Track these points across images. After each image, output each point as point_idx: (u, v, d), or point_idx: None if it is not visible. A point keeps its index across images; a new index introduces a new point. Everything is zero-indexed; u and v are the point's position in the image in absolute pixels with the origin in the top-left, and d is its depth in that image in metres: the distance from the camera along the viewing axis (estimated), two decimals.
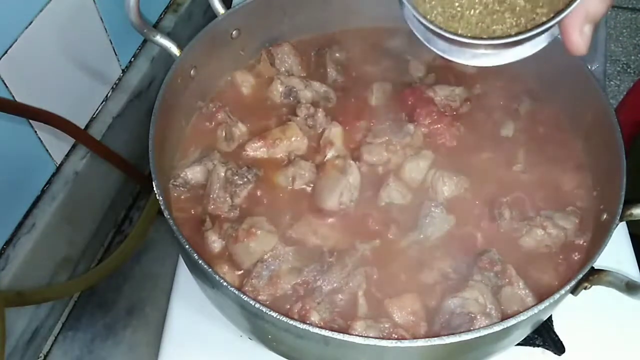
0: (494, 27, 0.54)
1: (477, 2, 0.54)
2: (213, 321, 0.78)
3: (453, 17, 0.55)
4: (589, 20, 0.50)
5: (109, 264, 0.92)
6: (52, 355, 0.91)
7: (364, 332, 0.63)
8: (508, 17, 0.53)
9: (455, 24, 0.55)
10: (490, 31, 0.54)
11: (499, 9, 0.54)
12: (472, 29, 0.55)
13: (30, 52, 0.75)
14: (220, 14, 0.80)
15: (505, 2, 0.54)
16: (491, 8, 0.54)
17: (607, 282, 0.64)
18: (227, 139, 0.80)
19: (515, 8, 0.54)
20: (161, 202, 0.64)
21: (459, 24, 0.55)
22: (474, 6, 0.54)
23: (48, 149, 0.84)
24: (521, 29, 0.53)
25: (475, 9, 0.54)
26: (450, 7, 0.55)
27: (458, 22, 0.55)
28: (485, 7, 0.54)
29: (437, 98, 0.84)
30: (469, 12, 0.54)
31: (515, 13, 0.54)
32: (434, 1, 0.55)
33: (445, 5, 0.55)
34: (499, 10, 0.54)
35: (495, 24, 0.54)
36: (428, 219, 0.72)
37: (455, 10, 0.55)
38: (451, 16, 0.55)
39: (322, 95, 0.85)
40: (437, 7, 0.55)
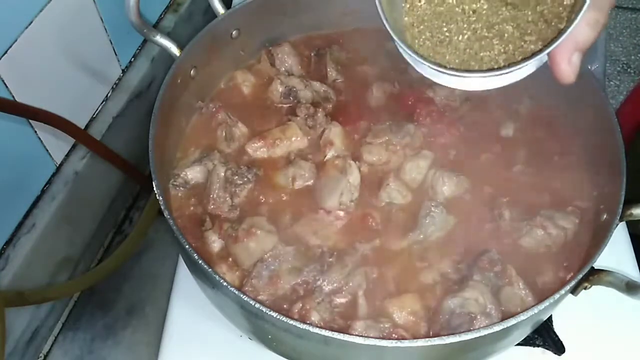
0: (482, 53, 0.53)
1: (466, 28, 0.54)
2: (213, 321, 0.78)
3: (441, 43, 0.54)
4: (578, 49, 0.49)
5: (109, 264, 0.92)
6: (52, 355, 0.91)
7: (364, 332, 0.63)
8: (496, 43, 0.53)
9: (444, 49, 0.55)
10: (478, 58, 0.54)
11: (488, 35, 0.53)
12: (459, 55, 0.54)
13: (30, 52, 0.75)
14: (220, 14, 0.80)
15: (494, 28, 0.53)
16: (479, 34, 0.54)
17: (607, 282, 0.64)
18: (227, 139, 0.80)
19: (503, 35, 0.53)
20: (161, 202, 0.64)
21: (447, 49, 0.55)
22: (462, 32, 0.54)
23: (48, 149, 0.84)
24: (509, 56, 0.53)
25: (463, 35, 0.54)
26: (438, 33, 0.54)
27: (446, 47, 0.55)
28: (474, 32, 0.54)
29: (437, 98, 0.84)
30: (457, 38, 0.54)
31: (503, 40, 0.53)
32: (422, 26, 0.55)
33: (433, 30, 0.55)
34: (487, 37, 0.53)
35: (483, 51, 0.53)
36: (428, 219, 0.72)
37: (444, 36, 0.54)
38: (439, 41, 0.54)
39: (322, 95, 0.85)
40: (425, 32, 0.55)
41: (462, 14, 0.54)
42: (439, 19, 0.54)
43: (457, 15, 0.54)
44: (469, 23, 0.54)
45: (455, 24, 0.54)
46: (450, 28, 0.54)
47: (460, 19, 0.54)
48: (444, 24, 0.54)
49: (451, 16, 0.54)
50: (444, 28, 0.54)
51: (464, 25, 0.54)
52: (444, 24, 0.54)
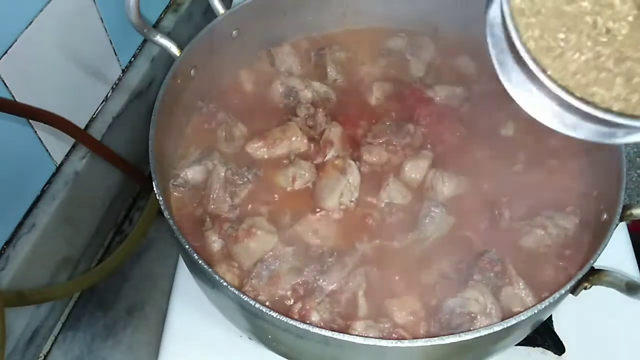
0: (595, 88, 0.41)
1: (588, 47, 0.41)
2: (213, 321, 0.78)
3: (548, 51, 0.42)
4: None
5: (109, 264, 0.92)
6: (52, 355, 0.91)
7: (364, 332, 0.63)
8: (619, 83, 0.41)
9: (548, 61, 0.43)
10: (588, 92, 0.42)
11: (612, 68, 0.41)
12: (564, 77, 0.42)
13: (30, 52, 0.75)
14: (220, 14, 0.80)
15: (624, 64, 0.41)
16: (602, 63, 0.42)
17: (607, 282, 0.64)
18: (227, 139, 0.80)
19: (632, 78, 0.41)
20: (161, 202, 0.64)
21: (552, 63, 0.42)
22: (582, 50, 0.42)
23: (48, 149, 0.84)
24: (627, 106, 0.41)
25: (582, 53, 0.42)
26: (550, 37, 0.42)
27: (552, 60, 0.42)
28: (596, 57, 0.42)
29: (437, 98, 0.84)
30: (572, 55, 0.42)
31: (630, 84, 0.41)
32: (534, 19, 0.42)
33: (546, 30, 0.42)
34: (611, 70, 0.41)
35: (597, 85, 0.41)
36: (428, 219, 0.72)
37: (557, 44, 0.42)
38: (547, 49, 0.42)
39: (322, 95, 0.85)
40: (534, 29, 0.43)
41: (591, 27, 0.42)
42: (560, 20, 0.42)
43: (584, 26, 0.42)
44: (594, 42, 0.42)
45: (578, 36, 0.42)
46: (569, 38, 0.42)
47: (586, 32, 0.42)
48: (564, 29, 0.42)
49: (576, 24, 0.42)
50: (561, 34, 0.42)
51: (587, 43, 0.42)
52: (564, 29, 0.42)
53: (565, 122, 0.45)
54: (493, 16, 0.45)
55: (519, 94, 0.46)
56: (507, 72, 0.46)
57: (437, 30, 0.93)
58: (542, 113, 0.45)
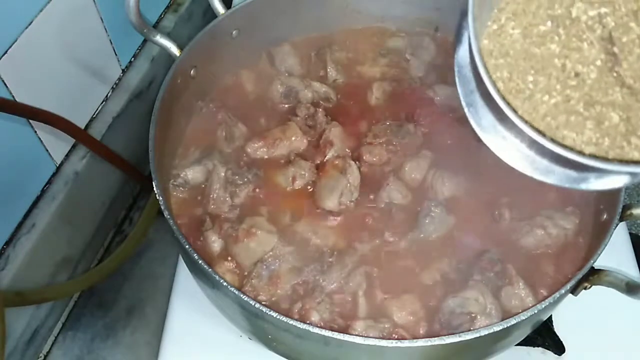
0: (565, 131, 0.40)
1: (558, 91, 0.40)
2: (213, 321, 0.78)
3: (518, 93, 0.41)
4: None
5: (109, 264, 0.92)
6: (52, 355, 0.91)
7: (364, 332, 0.63)
8: (589, 128, 0.40)
9: (517, 102, 0.41)
10: (559, 135, 0.41)
11: (582, 112, 0.40)
12: (534, 119, 0.41)
13: (30, 52, 0.75)
14: (220, 14, 0.80)
15: (594, 108, 0.40)
16: (572, 106, 0.40)
17: (607, 282, 0.64)
18: (227, 139, 0.80)
19: (603, 122, 0.40)
20: (161, 202, 0.64)
21: (522, 105, 0.41)
22: (551, 93, 0.40)
23: (48, 149, 0.84)
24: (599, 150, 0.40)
25: (551, 96, 0.40)
26: (519, 79, 0.41)
27: (522, 101, 0.41)
28: (566, 101, 0.40)
29: (437, 98, 0.84)
30: (541, 97, 0.41)
31: (600, 128, 0.40)
32: (502, 60, 0.41)
33: (515, 72, 0.41)
34: (581, 114, 0.40)
35: (568, 128, 0.40)
36: (428, 219, 0.72)
37: (526, 86, 0.41)
38: (516, 90, 0.41)
39: (322, 95, 0.85)
40: (503, 70, 0.42)
41: (560, 69, 0.41)
42: (528, 62, 0.41)
43: (552, 69, 0.41)
44: (563, 85, 0.41)
45: (547, 79, 0.41)
46: (538, 80, 0.41)
47: (555, 75, 0.41)
48: (532, 71, 0.41)
49: (545, 66, 0.41)
50: (530, 77, 0.41)
51: (556, 86, 0.41)
52: (532, 72, 0.41)
53: (536, 166, 0.44)
54: (461, 56, 0.44)
55: (490, 139, 0.45)
56: (477, 115, 0.45)
57: (437, 30, 0.93)
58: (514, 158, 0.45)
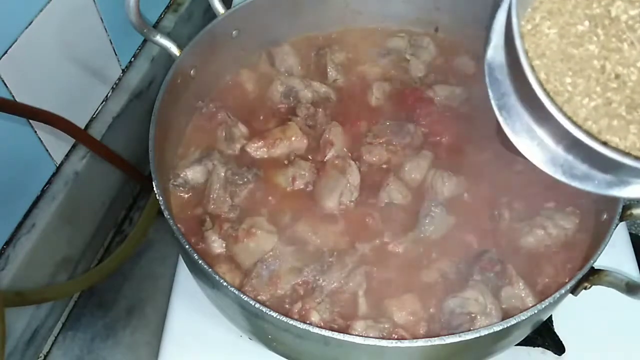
0: (608, 136, 0.38)
1: (597, 93, 0.38)
2: (213, 321, 0.78)
3: (556, 95, 0.39)
4: None
5: (109, 264, 0.92)
6: (52, 355, 0.91)
7: (364, 332, 0.63)
8: (633, 132, 0.38)
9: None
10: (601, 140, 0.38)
11: (625, 115, 0.38)
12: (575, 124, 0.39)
13: (30, 52, 0.75)
14: (220, 14, 0.80)
15: (637, 111, 0.38)
16: (614, 109, 0.38)
17: (607, 282, 0.64)
18: (227, 139, 0.80)
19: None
20: (161, 202, 0.64)
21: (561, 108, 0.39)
22: (591, 95, 0.38)
23: (48, 149, 0.84)
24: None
25: (591, 99, 0.38)
26: (557, 80, 0.39)
27: (561, 104, 0.39)
28: (607, 104, 0.38)
29: (437, 98, 0.84)
30: (581, 100, 0.38)
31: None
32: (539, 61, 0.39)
33: (552, 73, 0.39)
34: (624, 118, 0.38)
35: (610, 133, 0.38)
36: (428, 219, 0.72)
37: (564, 88, 0.39)
38: (554, 93, 0.39)
39: (322, 95, 0.85)
40: (540, 71, 0.39)
41: (599, 71, 0.39)
42: (566, 63, 0.39)
43: (592, 70, 0.39)
44: (604, 88, 0.38)
45: (586, 81, 0.39)
46: (577, 82, 0.38)
47: (595, 77, 0.39)
48: (570, 73, 0.39)
49: (583, 68, 0.39)
50: (568, 78, 0.39)
51: (596, 88, 0.38)
52: (570, 73, 0.39)
53: (574, 172, 0.42)
54: (492, 57, 0.42)
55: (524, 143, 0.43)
56: (510, 119, 0.42)
57: (437, 30, 0.93)
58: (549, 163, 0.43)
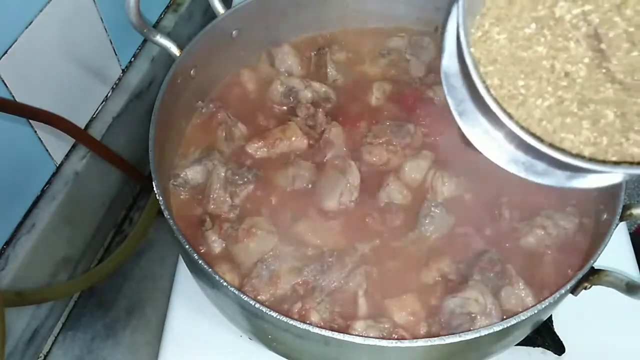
0: (563, 134, 0.39)
1: (549, 93, 0.39)
2: (213, 321, 0.78)
3: (511, 99, 0.40)
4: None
5: (109, 264, 0.92)
6: (52, 355, 0.91)
7: (364, 332, 0.63)
8: (586, 127, 0.39)
9: (511, 109, 0.40)
10: (556, 138, 0.39)
11: (577, 112, 0.39)
12: (530, 125, 0.40)
13: (30, 52, 0.75)
14: (220, 14, 0.80)
15: (587, 107, 0.39)
16: (566, 107, 0.39)
17: (607, 282, 0.64)
18: (227, 139, 0.80)
19: (598, 120, 0.39)
20: (161, 202, 0.64)
21: (516, 111, 0.40)
22: (544, 96, 0.39)
23: (48, 149, 0.84)
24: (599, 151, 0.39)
25: (544, 99, 0.39)
26: (511, 85, 0.40)
27: (516, 108, 0.40)
28: (559, 102, 0.39)
29: (437, 98, 0.84)
30: (535, 101, 0.40)
31: (597, 127, 0.39)
32: (491, 67, 0.40)
33: (505, 78, 0.40)
34: (576, 114, 0.39)
35: (565, 131, 0.39)
36: (428, 219, 0.72)
37: (518, 91, 0.40)
38: (509, 97, 0.40)
39: (322, 95, 0.85)
40: (493, 77, 0.40)
41: (549, 71, 0.40)
42: (518, 66, 0.40)
43: (542, 71, 0.40)
44: (555, 87, 0.40)
45: (538, 82, 0.40)
46: (529, 84, 0.40)
47: (545, 77, 0.40)
48: (522, 75, 0.40)
49: (534, 69, 0.40)
50: (520, 81, 0.40)
51: (548, 88, 0.40)
52: (522, 76, 0.40)
53: (535, 170, 0.43)
54: (447, 66, 0.43)
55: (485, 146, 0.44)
56: (470, 123, 0.43)
57: (437, 30, 0.93)
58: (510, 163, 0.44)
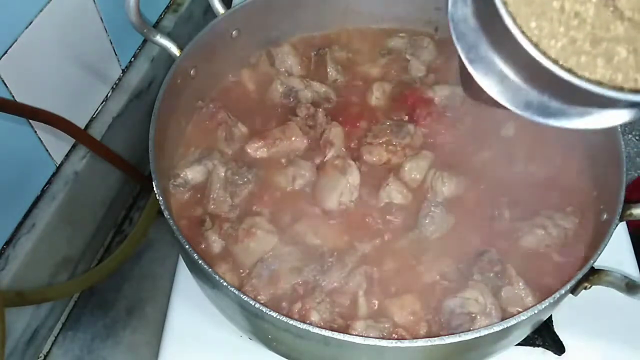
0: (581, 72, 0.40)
1: (562, 33, 0.40)
2: (213, 321, 0.78)
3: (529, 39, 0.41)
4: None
5: (109, 264, 0.92)
6: (52, 355, 0.91)
7: (364, 332, 0.63)
8: (601, 65, 0.40)
9: None
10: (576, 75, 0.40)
11: (591, 50, 0.40)
12: None
13: (30, 52, 0.75)
14: (220, 14, 0.80)
15: (601, 45, 0.39)
16: (579, 46, 0.40)
17: (607, 282, 0.64)
18: (227, 139, 0.80)
19: (612, 57, 0.39)
20: (161, 202, 0.64)
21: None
22: (557, 36, 0.40)
23: (48, 149, 0.84)
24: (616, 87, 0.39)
25: (557, 40, 0.40)
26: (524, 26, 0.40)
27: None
28: (572, 42, 0.40)
29: (437, 98, 0.84)
30: (548, 42, 0.40)
31: (611, 64, 0.39)
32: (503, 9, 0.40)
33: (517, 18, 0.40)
34: (590, 53, 0.40)
35: (581, 69, 0.39)
36: (428, 219, 0.72)
37: (531, 33, 0.40)
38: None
39: (322, 95, 0.85)
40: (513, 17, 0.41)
41: (560, 12, 0.40)
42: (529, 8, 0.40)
43: (552, 12, 0.40)
44: (566, 27, 0.40)
45: (550, 23, 0.40)
46: (542, 26, 0.40)
47: (556, 18, 0.40)
48: (534, 17, 0.40)
49: (544, 10, 0.40)
50: (533, 23, 0.40)
51: (560, 29, 0.40)
52: (534, 18, 0.40)
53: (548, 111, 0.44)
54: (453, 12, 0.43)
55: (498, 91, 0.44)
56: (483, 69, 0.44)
57: (437, 30, 0.93)
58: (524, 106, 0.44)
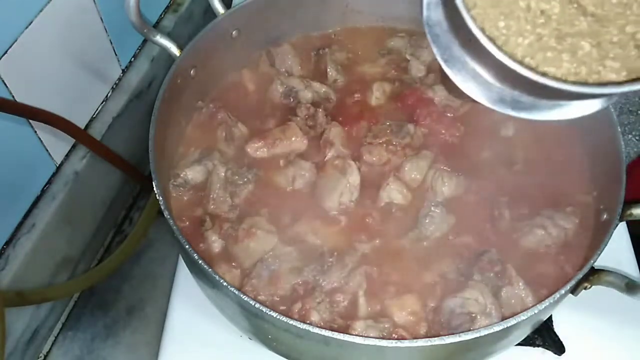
0: (546, 68, 0.42)
1: (528, 31, 0.42)
2: (213, 321, 0.78)
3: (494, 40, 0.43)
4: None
5: (109, 264, 0.92)
6: (52, 355, 0.91)
7: (364, 332, 0.63)
8: (566, 59, 0.42)
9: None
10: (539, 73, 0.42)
11: (556, 46, 0.42)
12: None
13: (30, 52, 0.75)
14: (220, 14, 0.80)
15: (566, 40, 0.41)
16: (545, 42, 0.42)
17: (607, 282, 0.64)
18: (227, 139, 0.80)
19: (576, 52, 0.41)
20: (161, 202, 0.64)
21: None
22: (524, 34, 0.42)
23: (48, 149, 0.84)
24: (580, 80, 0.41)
25: (524, 38, 0.42)
26: (493, 27, 0.42)
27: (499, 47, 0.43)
28: (539, 39, 0.42)
29: (437, 98, 0.84)
30: (516, 40, 0.42)
31: (575, 58, 0.41)
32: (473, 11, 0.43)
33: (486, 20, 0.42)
34: (555, 48, 0.42)
35: (547, 65, 0.42)
36: (428, 219, 0.72)
37: (499, 32, 0.42)
38: (492, 38, 0.43)
39: (322, 95, 0.85)
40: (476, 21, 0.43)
41: (526, 10, 0.43)
42: (497, 9, 0.43)
43: (519, 11, 0.43)
44: (533, 25, 0.42)
45: (517, 22, 0.42)
46: (509, 25, 0.42)
47: (523, 16, 0.43)
48: (502, 17, 0.43)
49: (512, 10, 0.43)
50: (501, 22, 0.42)
51: (526, 27, 0.42)
52: (502, 17, 0.42)
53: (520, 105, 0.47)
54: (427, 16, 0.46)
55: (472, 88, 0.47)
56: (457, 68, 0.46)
57: None
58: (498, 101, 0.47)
